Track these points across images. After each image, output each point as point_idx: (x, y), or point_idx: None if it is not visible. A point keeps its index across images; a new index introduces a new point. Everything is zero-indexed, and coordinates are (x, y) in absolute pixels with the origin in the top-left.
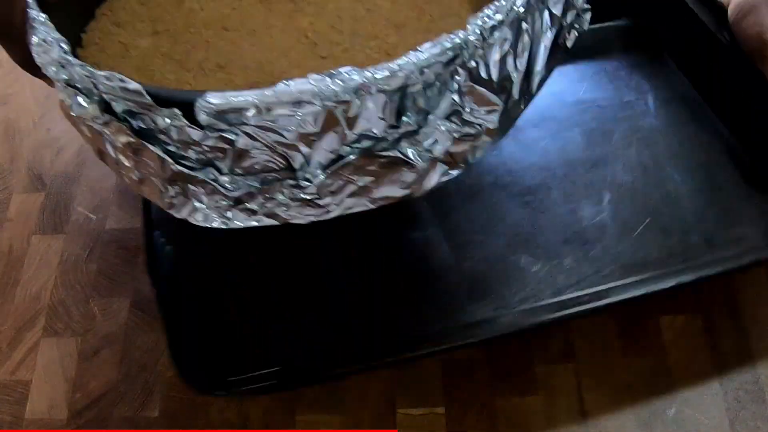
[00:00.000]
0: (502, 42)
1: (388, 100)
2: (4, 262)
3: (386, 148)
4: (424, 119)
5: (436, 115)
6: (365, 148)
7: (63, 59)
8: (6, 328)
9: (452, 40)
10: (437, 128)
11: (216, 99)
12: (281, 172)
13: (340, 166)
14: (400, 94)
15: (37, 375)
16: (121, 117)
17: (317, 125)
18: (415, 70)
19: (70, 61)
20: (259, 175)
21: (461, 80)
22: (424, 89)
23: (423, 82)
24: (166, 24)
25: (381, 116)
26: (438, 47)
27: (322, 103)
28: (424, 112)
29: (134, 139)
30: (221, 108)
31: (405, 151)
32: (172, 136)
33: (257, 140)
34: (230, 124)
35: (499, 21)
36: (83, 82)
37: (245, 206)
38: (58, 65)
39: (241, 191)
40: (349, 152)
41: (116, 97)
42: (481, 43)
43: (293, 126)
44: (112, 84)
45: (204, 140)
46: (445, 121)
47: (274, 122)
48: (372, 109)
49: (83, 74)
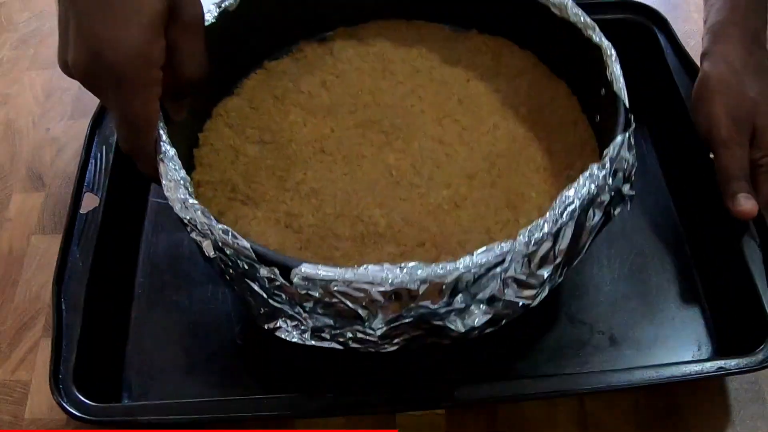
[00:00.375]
0: (547, 246)
1: (446, 287)
2: (4, 261)
3: (438, 318)
4: (472, 299)
5: (481, 298)
6: (421, 314)
7: (187, 202)
8: (6, 327)
9: (502, 249)
10: (480, 308)
11: (309, 270)
12: (352, 320)
13: (399, 324)
14: (455, 283)
15: (37, 375)
16: (231, 257)
17: (385, 299)
18: (469, 269)
19: (194, 205)
20: (335, 318)
21: (505, 274)
22: (474, 281)
23: (474, 275)
24: (272, 134)
25: (439, 297)
26: (490, 254)
27: (392, 288)
28: (472, 295)
29: (236, 274)
30: (312, 278)
31: (453, 323)
32: (268, 284)
33: (336, 299)
34: (317, 287)
35: (545, 233)
36: (202, 226)
37: (320, 335)
38: (182, 206)
39: (318, 324)
40: (408, 316)
41: (228, 246)
42: (526, 251)
43: (367, 297)
44: (227, 237)
45: (294, 294)
46: (487, 305)
47: (353, 293)
48: (431, 291)
49: (203, 220)
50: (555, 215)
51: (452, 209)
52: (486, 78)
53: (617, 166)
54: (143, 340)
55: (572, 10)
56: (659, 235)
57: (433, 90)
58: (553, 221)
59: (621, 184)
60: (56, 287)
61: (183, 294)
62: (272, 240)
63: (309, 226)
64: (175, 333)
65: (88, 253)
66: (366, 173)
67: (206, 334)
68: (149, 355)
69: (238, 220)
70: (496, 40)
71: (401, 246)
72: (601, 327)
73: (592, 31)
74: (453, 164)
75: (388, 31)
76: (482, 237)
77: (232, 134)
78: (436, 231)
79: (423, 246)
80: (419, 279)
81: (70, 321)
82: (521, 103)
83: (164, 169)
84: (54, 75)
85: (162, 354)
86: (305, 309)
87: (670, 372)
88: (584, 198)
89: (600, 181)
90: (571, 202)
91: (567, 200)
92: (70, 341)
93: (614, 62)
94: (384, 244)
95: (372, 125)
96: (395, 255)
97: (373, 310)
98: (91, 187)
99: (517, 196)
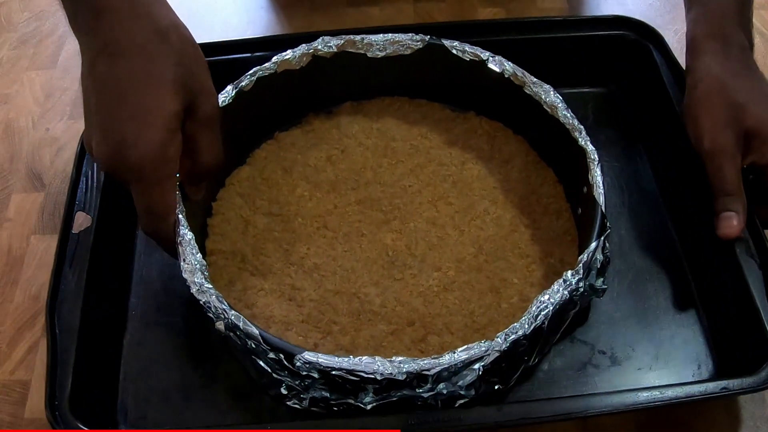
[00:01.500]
0: (522, 344)
1: (430, 378)
2: (4, 261)
3: (422, 400)
4: (453, 385)
5: (461, 385)
6: (407, 396)
7: (203, 287)
8: (5, 327)
9: (481, 348)
10: (460, 393)
11: (311, 357)
12: (346, 393)
13: (387, 401)
14: (438, 374)
15: (37, 375)
16: (240, 337)
17: (376, 384)
18: (451, 365)
19: (209, 290)
20: (331, 392)
21: (483, 368)
22: (455, 372)
23: (456, 368)
24: (280, 207)
25: (423, 386)
26: (471, 351)
27: (381, 377)
28: (453, 383)
29: (244, 350)
30: (313, 364)
31: (436, 403)
32: (273, 362)
33: (334, 380)
34: (318, 371)
35: (522, 335)
36: (215, 310)
37: (317, 404)
38: (199, 289)
39: (316, 395)
40: (395, 396)
41: (238, 329)
42: (502, 349)
43: (360, 381)
44: (238, 323)
45: (296, 373)
46: (466, 391)
47: (347, 377)
48: (417, 381)
49: (217, 305)
50: (530, 319)
51: (440, 291)
52: (481, 161)
53: (591, 266)
54: (139, 363)
55: (562, 111)
56: (657, 253)
57: (430, 170)
58: (528, 324)
59: (594, 280)
60: (49, 310)
61: (177, 315)
62: (277, 312)
63: (310, 301)
64: (171, 355)
65: (81, 274)
66: (364, 251)
67: (203, 357)
68: (145, 378)
69: (247, 290)
70: (492, 123)
71: (393, 324)
72: (601, 346)
73: (578, 134)
74: (444, 247)
75: (392, 108)
76: (466, 320)
77: (243, 204)
78: (424, 312)
79: (413, 325)
80: (406, 372)
81: (65, 345)
82: (511, 188)
83: (182, 252)
84: (53, 75)
85: (158, 377)
86: (305, 383)
87: (674, 393)
88: (557, 303)
89: (573, 286)
90: (546, 308)
91: (542, 305)
92: (65, 366)
93: (596, 166)
94: (377, 321)
95: (372, 203)
96: (387, 333)
97: (366, 390)
98: (83, 206)
99: (501, 282)
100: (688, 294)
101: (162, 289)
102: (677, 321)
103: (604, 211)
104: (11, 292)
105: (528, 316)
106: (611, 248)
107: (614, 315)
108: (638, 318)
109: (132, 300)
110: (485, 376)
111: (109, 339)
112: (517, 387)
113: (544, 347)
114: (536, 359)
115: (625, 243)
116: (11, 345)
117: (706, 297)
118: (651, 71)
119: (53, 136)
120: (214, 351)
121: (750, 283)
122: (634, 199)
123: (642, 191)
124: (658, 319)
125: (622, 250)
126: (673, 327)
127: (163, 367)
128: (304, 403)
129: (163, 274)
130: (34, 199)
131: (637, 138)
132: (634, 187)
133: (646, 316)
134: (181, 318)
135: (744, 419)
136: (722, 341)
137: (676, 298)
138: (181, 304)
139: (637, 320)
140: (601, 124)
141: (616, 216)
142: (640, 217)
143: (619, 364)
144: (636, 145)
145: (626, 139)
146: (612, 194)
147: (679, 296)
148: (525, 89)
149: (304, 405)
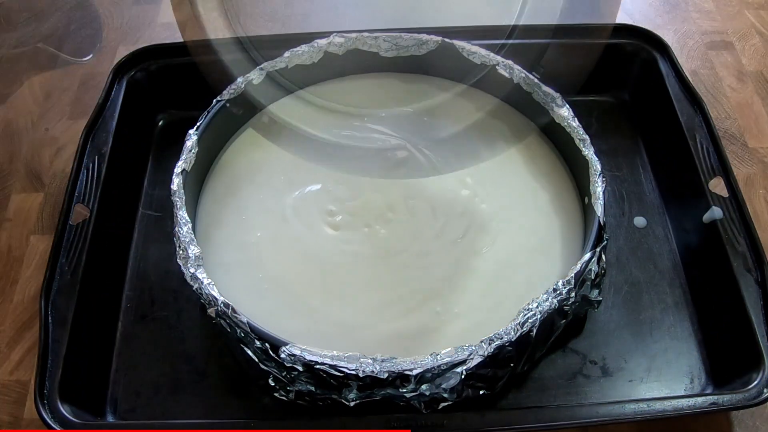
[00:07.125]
0: (507, 350)
1: (413, 378)
2: (3, 261)
3: (404, 400)
4: (436, 387)
5: (445, 388)
6: (390, 395)
7: (196, 276)
8: (5, 327)
9: (463, 352)
10: (443, 396)
11: (296, 351)
12: (331, 389)
13: (370, 400)
14: (421, 375)
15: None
16: (230, 324)
17: (359, 381)
18: (434, 366)
19: (200, 279)
20: (316, 386)
21: (466, 372)
22: (439, 374)
23: (439, 369)
24: None
25: (406, 386)
26: (452, 355)
27: (364, 375)
28: (436, 385)
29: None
30: (297, 357)
31: (419, 404)
32: (260, 351)
33: (318, 374)
34: (302, 363)
35: (507, 342)
36: (207, 297)
37: (303, 397)
38: (192, 276)
39: (302, 389)
40: (378, 395)
41: (227, 317)
42: (487, 354)
43: (344, 377)
44: (227, 310)
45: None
46: (449, 394)
47: (331, 371)
48: (399, 381)
49: (208, 292)
50: (516, 326)
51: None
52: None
53: (584, 277)
54: (130, 356)
55: (572, 123)
56: (655, 265)
57: None
58: (514, 331)
59: (588, 291)
60: (43, 300)
61: (171, 309)
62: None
63: None
64: (163, 349)
65: (78, 266)
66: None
67: (194, 352)
68: (136, 371)
69: None
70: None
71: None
72: (593, 357)
73: (582, 144)
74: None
75: None
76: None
77: None
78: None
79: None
80: (388, 371)
81: (57, 335)
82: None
83: (177, 241)
84: (53, 75)
85: (149, 370)
86: (291, 375)
87: (663, 406)
88: (546, 311)
89: (564, 295)
90: (533, 315)
91: (528, 312)
92: (57, 356)
93: (598, 178)
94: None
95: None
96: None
97: (349, 387)
98: (82, 198)
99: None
100: (684, 307)
101: (156, 283)
102: (671, 334)
103: (603, 223)
104: (11, 292)
105: (514, 322)
106: (608, 258)
107: (608, 325)
108: (632, 330)
109: (126, 293)
110: (470, 381)
111: (102, 331)
112: (505, 394)
113: (533, 355)
114: (525, 367)
115: (623, 253)
116: (11, 345)
117: (702, 310)
118: (656, 80)
119: (52, 137)
120: (205, 347)
121: (746, 298)
122: (635, 209)
123: (643, 201)
124: (653, 332)
125: (619, 260)
126: (666, 340)
127: (155, 361)
128: (291, 395)
129: (158, 268)
130: (33, 199)
131: (641, 147)
132: (635, 196)
133: (640, 328)
134: (174, 313)
135: (744, 419)
136: (716, 356)
137: (671, 311)
138: (175, 300)
139: (630, 332)
140: (605, 133)
141: (615, 226)
142: (639, 228)
143: (611, 375)
144: (640, 154)
145: (630, 147)
146: (613, 203)
147: (675, 309)
148: (534, 96)
149: (291, 398)
